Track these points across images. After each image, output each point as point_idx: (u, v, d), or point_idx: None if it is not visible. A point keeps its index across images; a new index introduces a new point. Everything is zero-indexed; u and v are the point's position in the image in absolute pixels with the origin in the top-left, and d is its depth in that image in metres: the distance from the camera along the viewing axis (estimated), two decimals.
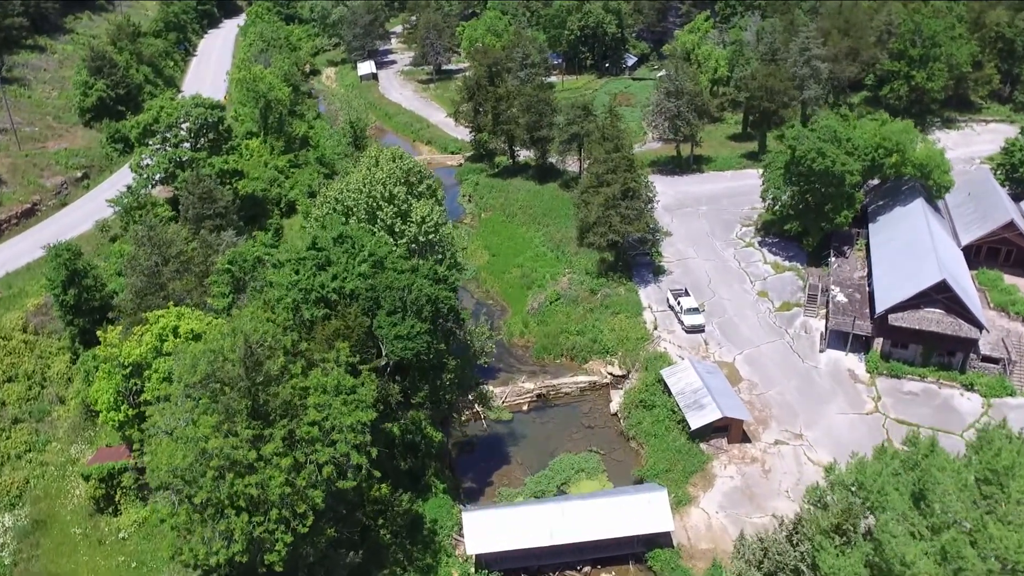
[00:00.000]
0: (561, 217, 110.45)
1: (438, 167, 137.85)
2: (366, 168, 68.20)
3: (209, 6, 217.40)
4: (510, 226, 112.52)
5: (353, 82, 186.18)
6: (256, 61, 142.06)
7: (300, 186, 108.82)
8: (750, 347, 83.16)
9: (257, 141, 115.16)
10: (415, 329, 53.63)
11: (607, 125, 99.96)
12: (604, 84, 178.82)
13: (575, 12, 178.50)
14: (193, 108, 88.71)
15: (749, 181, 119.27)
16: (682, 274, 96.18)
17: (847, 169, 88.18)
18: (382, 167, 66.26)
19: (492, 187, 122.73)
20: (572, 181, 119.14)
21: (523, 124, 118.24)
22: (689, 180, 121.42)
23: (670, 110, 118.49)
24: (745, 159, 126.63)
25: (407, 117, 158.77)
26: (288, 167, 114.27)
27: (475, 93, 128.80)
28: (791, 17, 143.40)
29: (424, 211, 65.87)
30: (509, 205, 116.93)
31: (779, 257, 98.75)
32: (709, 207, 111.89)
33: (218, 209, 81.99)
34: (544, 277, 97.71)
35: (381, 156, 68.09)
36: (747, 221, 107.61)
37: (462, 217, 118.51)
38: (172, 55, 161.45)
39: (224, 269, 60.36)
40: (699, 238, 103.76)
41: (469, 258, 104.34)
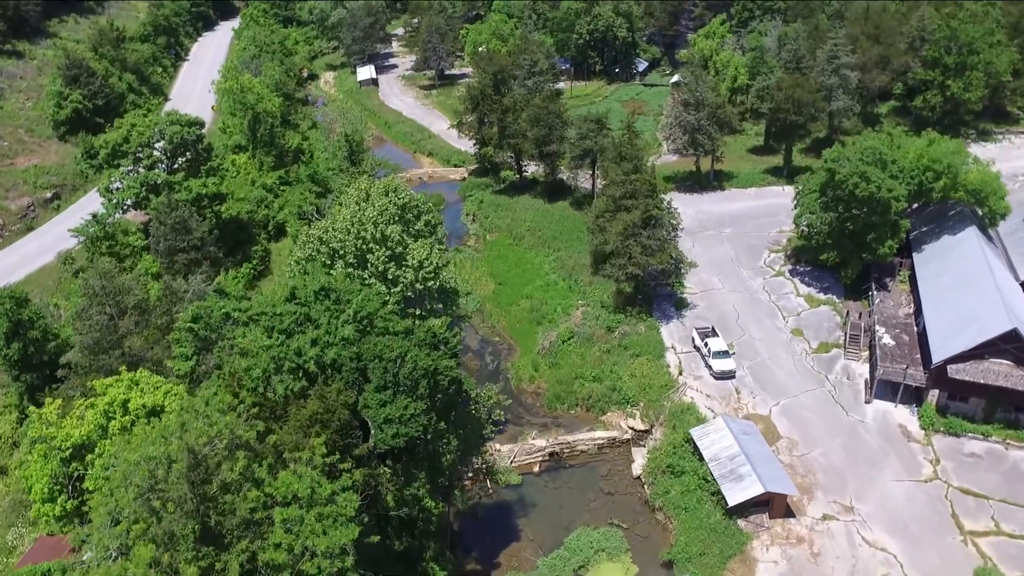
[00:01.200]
0: (573, 240, 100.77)
1: (440, 181, 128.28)
2: (355, 204, 58.56)
3: (204, 8, 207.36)
4: (517, 250, 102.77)
5: (352, 88, 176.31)
6: (247, 68, 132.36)
7: (290, 206, 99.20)
8: (787, 396, 73.45)
9: (244, 156, 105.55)
10: (408, 411, 44.01)
11: (624, 142, 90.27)
12: (614, 91, 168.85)
13: (584, 15, 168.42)
14: (168, 126, 79.11)
15: (775, 200, 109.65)
16: (707, 308, 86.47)
17: (893, 195, 78.36)
18: (373, 203, 56.65)
19: (498, 205, 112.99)
20: (584, 199, 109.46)
21: (531, 138, 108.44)
22: (710, 198, 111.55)
23: (689, 123, 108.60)
24: (769, 175, 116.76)
25: (408, 126, 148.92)
26: (278, 184, 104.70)
27: (479, 103, 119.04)
28: (815, 22, 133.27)
29: (422, 254, 56.23)
30: (516, 226, 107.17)
31: (813, 289, 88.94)
32: (733, 230, 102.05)
33: (193, 241, 72.39)
34: (555, 310, 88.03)
35: (372, 189, 58.43)
36: (776, 246, 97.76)
37: (465, 238, 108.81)
38: (161, 60, 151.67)
39: (186, 328, 50.88)
40: (724, 265, 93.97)
41: (473, 287, 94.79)
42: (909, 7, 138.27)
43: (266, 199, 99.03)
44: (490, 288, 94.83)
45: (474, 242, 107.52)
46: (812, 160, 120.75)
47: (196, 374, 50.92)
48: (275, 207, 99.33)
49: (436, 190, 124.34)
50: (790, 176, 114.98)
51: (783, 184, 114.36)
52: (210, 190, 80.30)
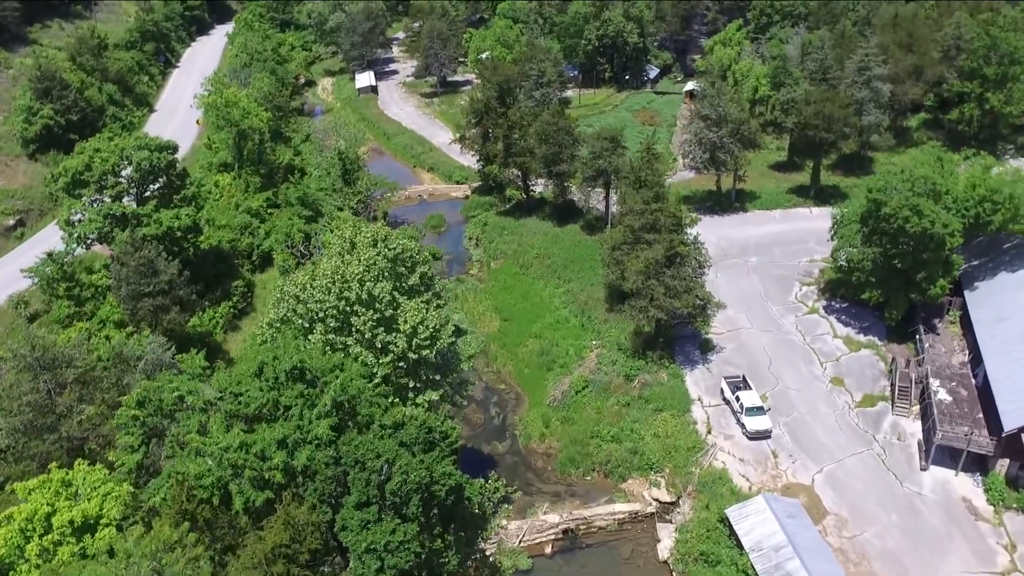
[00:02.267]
0: (585, 270, 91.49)
1: (441, 199, 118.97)
2: (338, 256, 49.34)
3: (199, 11, 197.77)
4: (525, 280, 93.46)
5: (350, 95, 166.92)
6: (236, 78, 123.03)
7: (277, 233, 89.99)
8: (831, 461, 64.18)
9: (229, 177, 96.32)
10: (397, 536, 34.82)
11: (643, 166, 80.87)
12: (625, 99, 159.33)
13: (593, 20, 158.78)
14: (135, 151, 69.86)
15: (802, 224, 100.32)
16: (735, 351, 77.20)
17: (948, 231, 68.91)
18: (359, 256, 47.47)
19: (503, 228, 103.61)
20: (597, 222, 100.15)
21: (540, 156, 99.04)
22: (732, 222, 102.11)
23: (711, 140, 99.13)
24: (794, 195, 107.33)
25: (408, 138, 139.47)
26: (265, 208, 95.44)
27: (483, 117, 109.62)
28: (841, 29, 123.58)
29: (416, 317, 47.00)
30: (523, 252, 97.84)
31: (851, 329, 79.58)
32: (759, 258, 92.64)
33: (160, 285, 63.12)
34: (567, 353, 78.76)
35: (358, 238, 49.15)
36: (807, 278, 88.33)
37: (468, 266, 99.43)
38: (147, 68, 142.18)
39: (130, 417, 41.81)
40: (751, 300, 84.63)
41: (477, 323, 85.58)
42: (941, 11, 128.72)
43: (251, 225, 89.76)
44: (495, 325, 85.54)
45: (477, 270, 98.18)
46: (839, 178, 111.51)
47: (145, 468, 41.85)
48: (261, 234, 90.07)
49: (437, 209, 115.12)
50: (818, 196, 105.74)
51: (810, 205, 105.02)
52: (183, 222, 71.11)
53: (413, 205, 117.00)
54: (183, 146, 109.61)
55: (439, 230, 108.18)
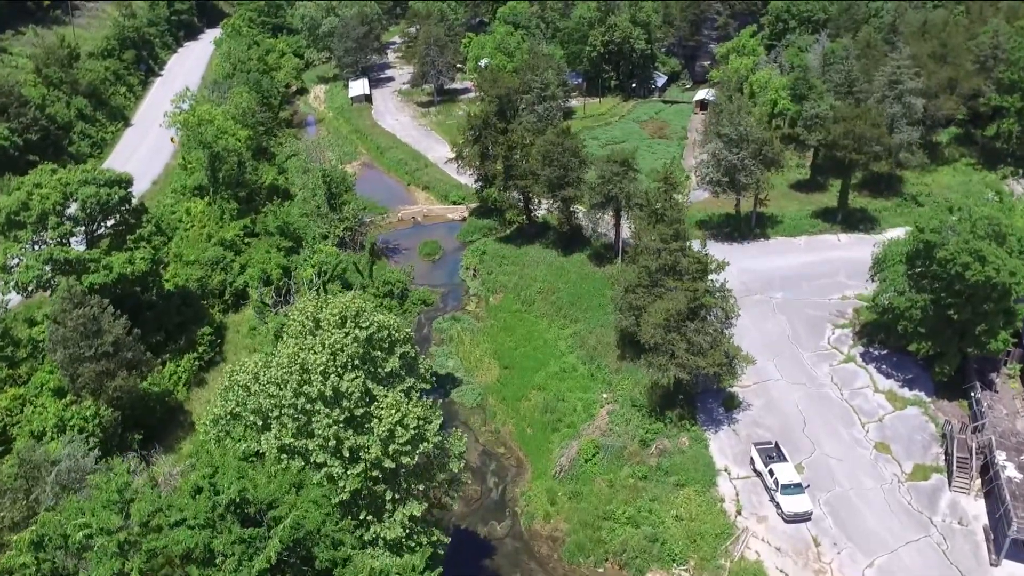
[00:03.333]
0: (594, 308, 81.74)
1: (436, 222, 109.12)
2: (297, 336, 39.53)
3: (187, 15, 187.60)
4: (527, 318, 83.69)
5: (343, 104, 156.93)
6: (216, 90, 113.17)
7: (254, 266, 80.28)
8: (883, 551, 54.49)
9: (203, 203, 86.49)
10: None
11: (660, 197, 71.01)
12: (632, 108, 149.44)
13: (597, 25, 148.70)
14: (80, 187, 60.21)
15: (830, 253, 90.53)
16: (764, 408, 67.49)
17: (1016, 279, 59.09)
18: (323, 339, 37.72)
19: (503, 257, 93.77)
20: (606, 251, 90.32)
21: (543, 179, 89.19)
22: (753, 250, 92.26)
23: (730, 163, 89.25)
24: (820, 220, 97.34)
25: (402, 152, 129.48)
26: (241, 238, 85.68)
27: (482, 134, 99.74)
28: (866, 38, 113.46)
29: (393, 416, 37.32)
30: (525, 285, 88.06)
31: (894, 381, 69.86)
32: (785, 295, 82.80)
33: (104, 347, 53.42)
34: (575, 410, 69.06)
35: (326, 312, 39.29)
36: (840, 319, 78.57)
37: (464, 300, 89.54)
38: (126, 78, 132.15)
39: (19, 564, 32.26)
40: (779, 346, 74.85)
41: (474, 370, 75.92)
42: (972, 18, 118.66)
43: (224, 259, 79.96)
44: (494, 373, 75.76)
45: (475, 305, 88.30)
46: (867, 200, 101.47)
47: None
48: (235, 269, 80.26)
49: (432, 233, 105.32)
50: (846, 222, 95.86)
51: (837, 231, 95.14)
52: (137, 268, 61.46)
53: (406, 228, 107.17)
54: (156, 166, 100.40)
55: (433, 258, 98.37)
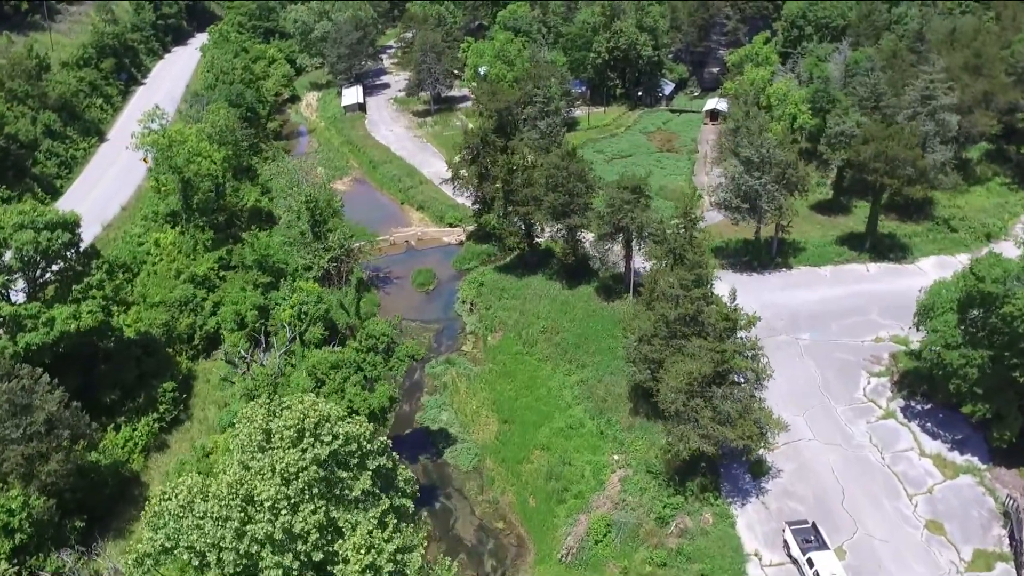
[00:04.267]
0: (603, 350, 73.39)
1: (431, 246, 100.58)
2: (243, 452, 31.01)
3: (175, 19, 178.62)
4: (528, 362, 75.23)
5: (336, 113, 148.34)
6: (196, 104, 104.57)
7: (228, 305, 71.82)
8: None
9: (173, 233, 78.02)
10: None
11: (679, 235, 62.44)
12: (638, 118, 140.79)
13: (602, 31, 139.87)
14: (15, 232, 51.80)
15: (860, 286, 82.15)
16: (795, 475, 59.18)
17: None
18: (274, 460, 29.14)
19: (503, 289, 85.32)
20: (614, 283, 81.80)
21: (546, 206, 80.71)
22: (774, 282, 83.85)
23: (751, 187, 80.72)
24: (846, 247, 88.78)
25: (396, 167, 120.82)
26: (216, 271, 77.19)
27: (479, 152, 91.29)
28: (892, 48, 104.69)
29: (363, 559, 28.87)
30: (526, 323, 79.61)
31: (942, 443, 61.56)
32: (813, 336, 74.45)
33: (34, 427, 45.02)
34: (583, 475, 60.71)
35: (278, 423, 30.60)
36: (876, 365, 70.24)
37: (460, 339, 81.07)
38: (104, 89, 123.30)
39: None
40: (809, 397, 66.53)
41: (470, 425, 67.57)
42: (1004, 25, 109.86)
43: (194, 298, 71.50)
44: (492, 429, 67.35)
45: (472, 344, 79.83)
46: (895, 224, 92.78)
47: None
48: (206, 309, 71.76)
49: (426, 259, 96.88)
50: (874, 250, 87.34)
51: (866, 260, 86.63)
52: (84, 323, 53.16)
53: (398, 254, 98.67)
54: (127, 189, 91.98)
55: (426, 289, 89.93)
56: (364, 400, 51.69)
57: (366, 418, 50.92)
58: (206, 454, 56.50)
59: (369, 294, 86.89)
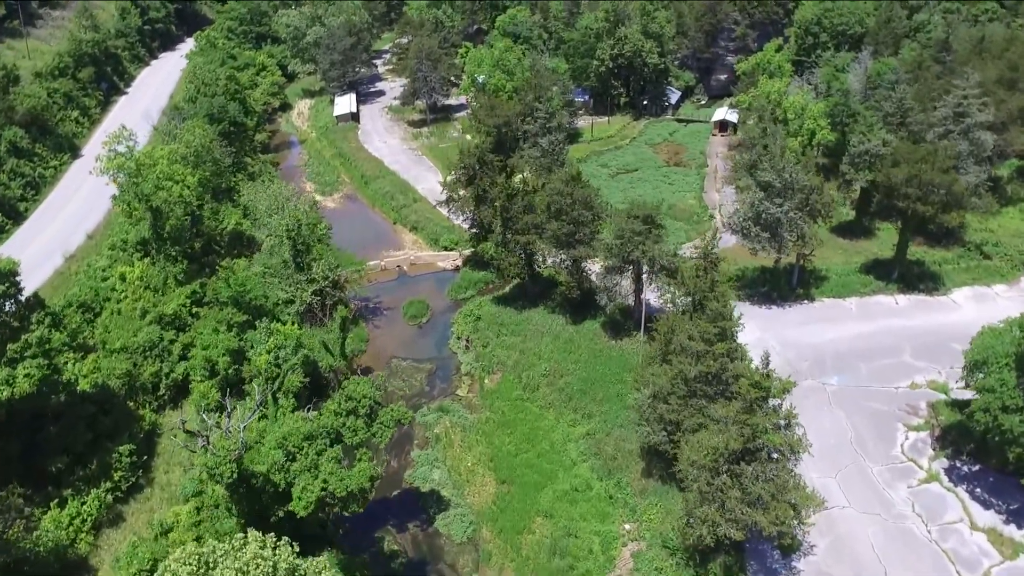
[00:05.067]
0: (610, 398, 66.17)
1: (424, 271, 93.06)
2: None
3: (163, 24, 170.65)
4: (529, 409, 67.82)
5: (328, 123, 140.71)
6: (174, 119, 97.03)
7: (198, 350, 64.46)
8: None
9: (142, 266, 70.56)
10: None
11: (698, 280, 54.97)
12: (643, 128, 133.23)
13: (606, 37, 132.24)
14: None
15: (889, 322, 74.85)
16: (831, 553, 51.91)
17: None
18: None
19: (501, 324, 77.90)
20: (623, 318, 74.35)
21: (549, 235, 73.32)
22: (796, 316, 76.53)
23: (773, 216, 73.28)
24: (872, 276, 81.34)
25: (389, 183, 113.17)
26: (188, 307, 69.77)
27: (476, 174, 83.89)
28: (918, 59, 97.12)
29: None
30: (527, 364, 72.22)
31: (995, 513, 54.31)
32: (841, 380, 67.19)
33: None
34: (590, 550, 53.41)
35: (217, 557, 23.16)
36: (913, 416, 62.89)
37: (455, 381, 73.55)
38: (81, 100, 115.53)
39: None
40: (841, 454, 59.36)
41: (464, 487, 60.20)
42: None
43: (161, 342, 64.07)
44: (490, 491, 59.92)
45: (468, 388, 72.36)
46: (923, 249, 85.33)
47: None
48: (174, 354, 64.31)
49: (419, 286, 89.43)
50: (903, 280, 79.90)
51: (894, 292, 79.25)
52: (20, 389, 45.77)
53: (390, 280, 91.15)
54: (96, 213, 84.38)
55: (419, 321, 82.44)
56: (341, 480, 44.33)
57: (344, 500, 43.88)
58: (164, 531, 49.12)
59: (357, 328, 79.49)
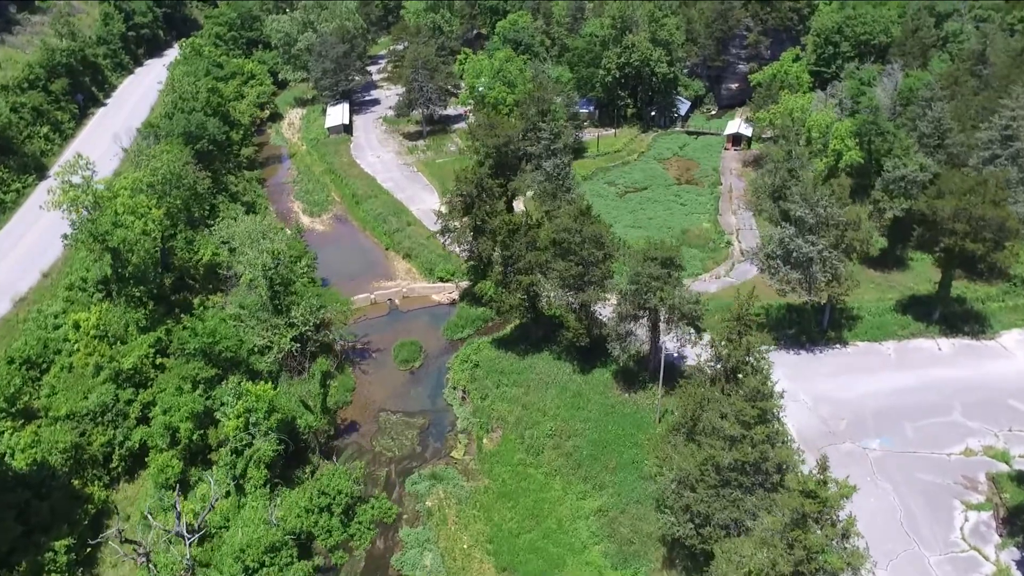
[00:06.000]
0: (625, 465, 58.18)
1: (419, 305, 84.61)
2: None
3: (149, 29, 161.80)
4: (534, 477, 59.57)
5: (319, 135, 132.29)
6: (148, 139, 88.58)
7: (158, 415, 56.21)
8: None
9: (97, 312, 62.22)
10: None
11: (732, 346, 46.60)
12: (652, 142, 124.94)
13: (612, 45, 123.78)
14: None
15: (933, 372, 66.74)
16: None
17: None
18: None
19: (501, 373, 69.57)
20: (637, 368, 65.97)
21: (556, 276, 65.04)
22: (828, 363, 68.33)
23: (805, 255, 64.93)
24: (909, 316, 73.00)
25: (382, 204, 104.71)
26: (152, 358, 61.52)
27: (474, 201, 75.71)
28: (955, 74, 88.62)
29: None
30: (531, 421, 63.97)
31: None
32: (884, 443, 59.26)
33: None
34: None
35: None
36: (972, 492, 54.68)
37: (450, 441, 65.12)
38: (52, 115, 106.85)
39: None
40: (890, 540, 51.15)
41: (460, 573, 51.92)
42: None
43: (115, 404, 55.80)
44: None
45: (464, 449, 64.01)
46: (964, 284, 76.68)
47: None
48: (131, 417, 56.05)
49: (411, 325, 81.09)
50: (945, 321, 71.62)
51: (935, 335, 71.01)
52: None
53: (380, 316, 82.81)
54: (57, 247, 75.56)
55: (411, 366, 74.05)
56: None
57: None
58: None
59: (343, 375, 71.22)
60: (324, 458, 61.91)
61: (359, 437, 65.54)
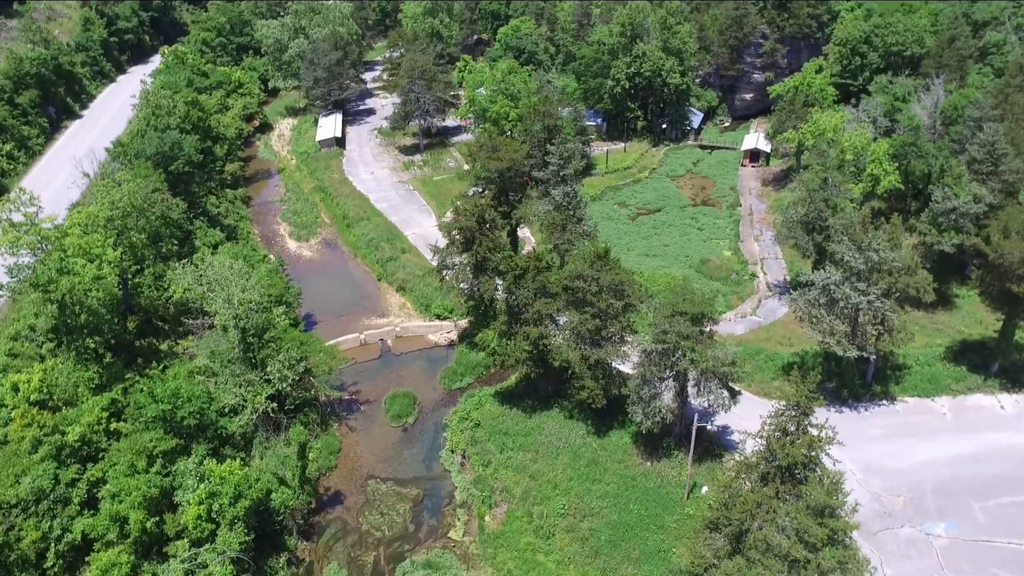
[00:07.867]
0: (650, 556, 49.73)
1: (413, 347, 75.72)
2: None
3: (133, 35, 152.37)
4: (544, 566, 50.93)
5: (310, 148, 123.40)
6: (120, 158, 79.67)
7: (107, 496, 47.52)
8: None
9: (40, 372, 53.48)
10: None
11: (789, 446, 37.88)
12: (664, 156, 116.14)
13: (622, 54, 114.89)
14: None
15: (996, 436, 58.44)
16: None
17: None
18: None
19: (506, 433, 60.87)
20: (660, 432, 57.02)
21: (569, 330, 56.30)
22: (876, 425, 59.85)
23: (854, 305, 56.21)
24: (964, 367, 64.40)
25: (375, 227, 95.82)
26: (104, 424, 52.80)
27: (475, 236, 67.00)
28: (1004, 91, 79.72)
29: None
30: (540, 495, 55.29)
31: None
32: (951, 527, 50.61)
33: None
34: None
35: None
36: None
37: (447, 518, 56.28)
38: (17, 130, 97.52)
39: None
40: None
41: None
42: None
43: (55, 488, 47.11)
44: None
45: (463, 529, 55.31)
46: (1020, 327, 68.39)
47: None
48: (75, 501, 47.38)
49: (405, 369, 72.40)
50: (1007, 374, 62.96)
51: (995, 390, 62.40)
52: None
53: (370, 360, 73.96)
54: None
55: (404, 421, 65.29)
56: None
57: None
58: None
59: (327, 434, 62.54)
60: (303, 539, 53.46)
61: (344, 511, 56.82)
